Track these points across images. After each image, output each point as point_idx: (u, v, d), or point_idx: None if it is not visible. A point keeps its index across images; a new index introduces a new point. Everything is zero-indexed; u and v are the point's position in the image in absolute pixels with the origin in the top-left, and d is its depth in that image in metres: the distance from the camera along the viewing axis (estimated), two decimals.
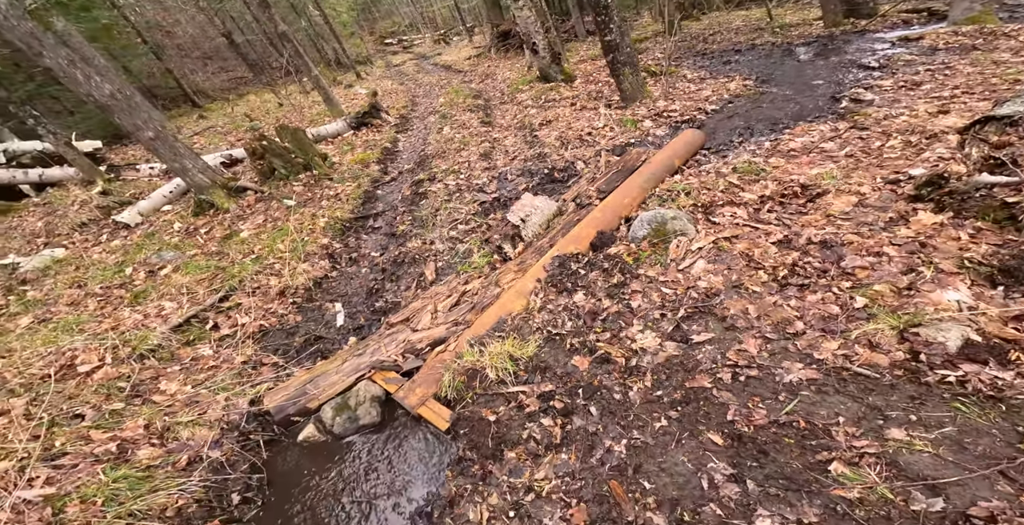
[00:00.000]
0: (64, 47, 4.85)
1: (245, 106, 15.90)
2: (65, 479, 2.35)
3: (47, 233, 5.77)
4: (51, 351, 3.18)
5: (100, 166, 8.20)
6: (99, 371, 3.06)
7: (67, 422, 2.72)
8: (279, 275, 3.99)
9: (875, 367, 1.90)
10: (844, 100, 4.84)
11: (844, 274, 2.39)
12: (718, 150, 4.48)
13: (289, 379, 3.02)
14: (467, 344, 2.71)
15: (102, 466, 2.41)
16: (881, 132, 3.76)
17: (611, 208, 3.38)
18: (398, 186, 5.74)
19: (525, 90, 8.95)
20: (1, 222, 6.38)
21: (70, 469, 2.43)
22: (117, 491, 2.29)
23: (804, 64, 6.47)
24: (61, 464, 2.45)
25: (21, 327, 3.70)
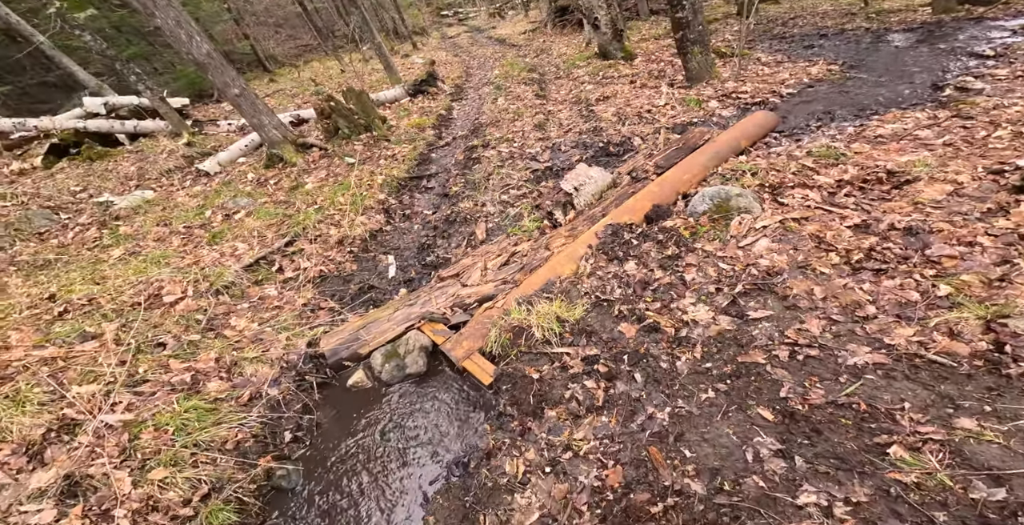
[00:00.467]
0: (172, 8, 4.97)
1: (310, 72, 16.15)
2: (143, 406, 2.44)
3: (138, 177, 6.16)
4: (141, 281, 3.35)
5: (187, 120, 8.62)
6: (181, 302, 3.20)
7: (150, 350, 2.83)
8: (338, 225, 4.07)
9: (953, 356, 1.74)
10: (947, 88, 4.27)
11: (928, 262, 2.17)
12: (791, 134, 4.08)
13: (344, 324, 3.07)
14: (515, 302, 2.66)
15: (176, 395, 2.50)
16: (988, 122, 3.30)
17: (669, 183, 3.18)
18: (451, 151, 5.68)
19: (582, 66, 8.52)
20: (100, 165, 6.85)
21: (148, 396, 2.51)
22: (186, 421, 2.36)
23: (902, 51, 5.71)
24: (141, 391, 2.54)
25: (114, 258, 3.97)
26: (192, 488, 2.09)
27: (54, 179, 6.35)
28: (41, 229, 4.99)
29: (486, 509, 1.81)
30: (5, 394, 2.43)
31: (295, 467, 2.33)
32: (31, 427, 2.28)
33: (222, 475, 2.17)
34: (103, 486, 2.06)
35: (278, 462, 2.33)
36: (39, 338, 2.87)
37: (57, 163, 7.16)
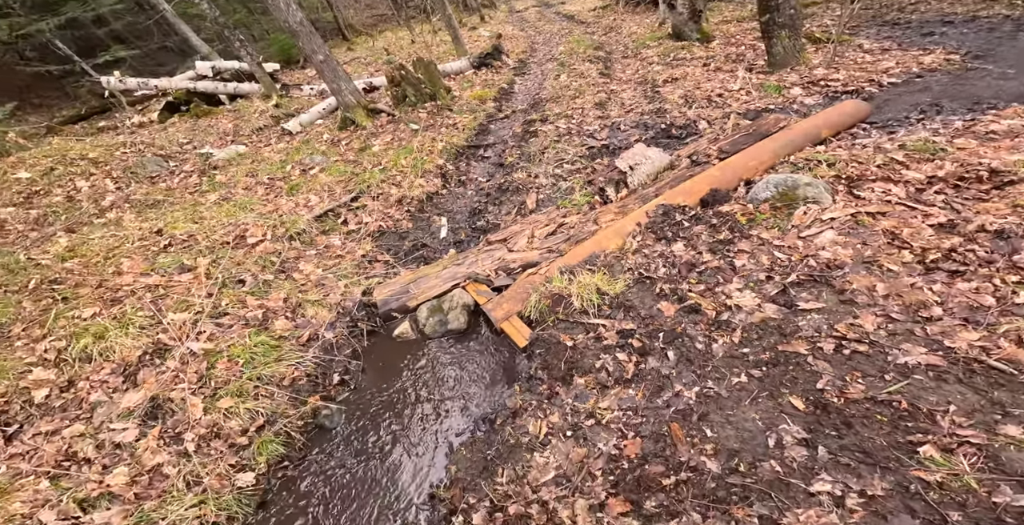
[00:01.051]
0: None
1: (383, 41, 16.29)
2: (222, 337, 2.58)
3: (234, 133, 6.64)
4: (230, 223, 3.62)
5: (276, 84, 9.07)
6: (261, 245, 3.42)
7: (232, 285, 3.02)
8: (399, 186, 4.18)
9: (1016, 363, 1.58)
10: None
11: (1014, 268, 1.92)
12: (885, 125, 3.56)
13: (396, 277, 3.17)
14: (558, 271, 2.62)
15: (249, 330, 2.63)
16: None
17: (732, 168, 2.92)
18: (510, 123, 5.58)
19: (652, 46, 7.92)
20: (203, 122, 7.46)
21: (227, 328, 2.67)
22: (254, 355, 2.49)
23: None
24: (222, 323, 2.70)
25: (209, 202, 4.35)
26: (251, 419, 2.23)
27: (166, 132, 6.99)
28: (153, 174, 5.55)
29: (505, 463, 1.85)
30: (114, 316, 2.67)
31: (338, 408, 2.42)
32: (131, 349, 2.49)
33: (276, 409, 2.30)
34: (179, 410, 2.22)
35: (324, 402, 2.43)
36: (146, 266, 3.17)
37: (170, 118, 7.87)
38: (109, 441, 2.10)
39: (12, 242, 4.08)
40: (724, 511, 1.49)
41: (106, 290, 2.97)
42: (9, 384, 2.37)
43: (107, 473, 2.01)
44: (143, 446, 2.08)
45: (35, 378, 2.41)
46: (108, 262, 3.30)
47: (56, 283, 3.11)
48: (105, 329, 2.58)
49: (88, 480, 1.97)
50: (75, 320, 2.69)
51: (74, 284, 3.07)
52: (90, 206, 4.84)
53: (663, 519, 1.53)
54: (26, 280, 3.13)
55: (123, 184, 5.40)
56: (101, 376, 2.41)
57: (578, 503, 1.64)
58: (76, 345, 2.52)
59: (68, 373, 2.43)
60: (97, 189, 5.23)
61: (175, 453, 2.06)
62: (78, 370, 2.44)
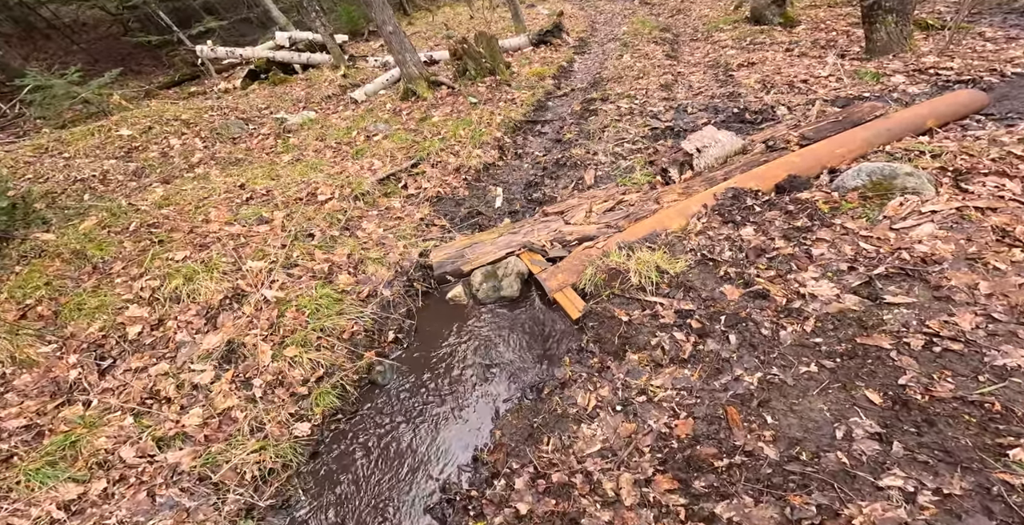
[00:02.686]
0: None
1: (443, 17, 15.96)
2: (292, 287, 2.63)
3: (306, 100, 6.80)
4: (303, 181, 3.74)
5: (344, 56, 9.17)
6: (329, 203, 3.51)
7: (303, 238, 3.08)
8: (457, 155, 4.13)
9: None
10: None
11: None
12: (1004, 117, 3.07)
13: (452, 241, 3.15)
14: (616, 246, 2.49)
15: (316, 282, 2.67)
16: None
17: (815, 155, 2.63)
18: (568, 101, 5.33)
19: (726, 29, 7.23)
20: (280, 89, 7.69)
21: (296, 279, 2.72)
22: (319, 306, 2.51)
23: None
24: (292, 273, 2.76)
25: (284, 162, 4.49)
26: (312, 369, 2.24)
27: (247, 97, 7.26)
28: (235, 135, 5.81)
29: (551, 432, 1.82)
30: (201, 260, 2.79)
31: (391, 365, 2.42)
32: (214, 292, 2.57)
33: (335, 361, 2.31)
34: (251, 356, 2.26)
35: (379, 358, 2.43)
36: (230, 216, 3.34)
37: (251, 85, 8.16)
38: (188, 382, 2.15)
39: (113, 190, 4.41)
40: (779, 497, 1.40)
41: (196, 236, 3.13)
42: (107, 319, 2.49)
43: (184, 413, 2.04)
44: (217, 389, 2.13)
45: (130, 315, 2.51)
46: (198, 211, 3.49)
47: (154, 226, 3.33)
48: (194, 272, 2.69)
49: (167, 419, 2.01)
50: (168, 262, 2.83)
51: (169, 229, 3.26)
52: (181, 161, 5.16)
53: (712, 499, 1.45)
54: (127, 223, 3.35)
55: (209, 143, 5.71)
56: (187, 317, 2.49)
57: (623, 477, 1.59)
58: (168, 285, 2.64)
59: (159, 312, 2.53)
60: (188, 147, 5.55)
61: (244, 398, 2.09)
62: (168, 309, 2.54)
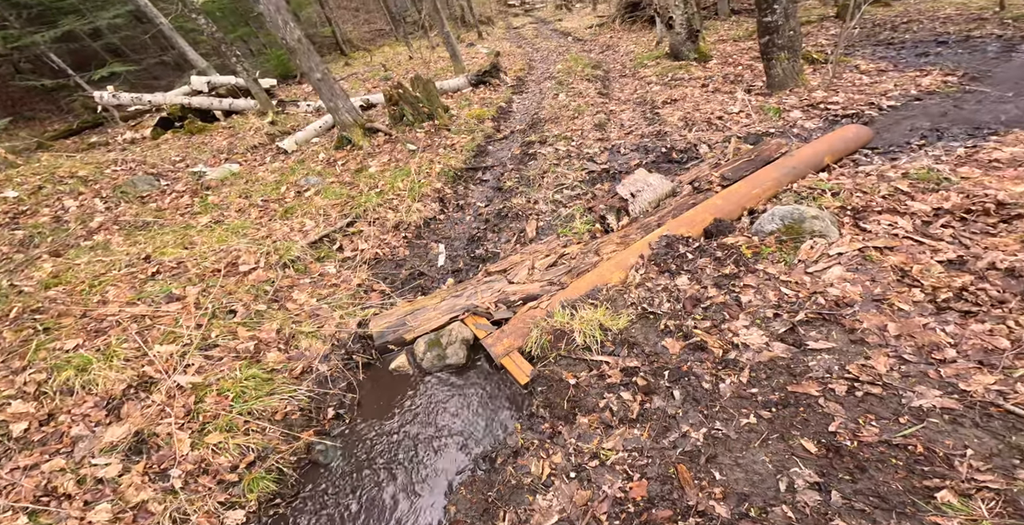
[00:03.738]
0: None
1: (381, 57, 16.57)
2: (211, 370, 2.53)
3: (228, 151, 6.64)
4: (222, 249, 3.57)
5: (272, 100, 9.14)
6: (253, 273, 3.37)
7: (223, 315, 2.95)
8: (396, 210, 4.16)
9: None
10: None
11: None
12: (887, 152, 3.58)
13: (393, 308, 3.13)
14: (559, 305, 2.59)
15: (240, 363, 2.57)
16: None
17: (735, 197, 2.93)
18: (509, 144, 5.61)
19: (650, 65, 8.07)
20: (198, 138, 7.47)
21: (217, 361, 2.61)
22: (245, 389, 2.44)
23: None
24: (211, 355, 2.64)
25: (201, 224, 4.30)
26: (240, 455, 2.18)
27: (159, 149, 7.00)
28: (143, 193, 5.51)
29: (507, 506, 1.82)
30: (97, 347, 2.61)
31: (333, 444, 2.38)
32: (115, 382, 2.42)
33: (268, 445, 2.25)
34: (165, 445, 2.17)
35: (319, 437, 2.39)
36: (132, 295, 3.10)
37: (163, 134, 7.89)
38: (91, 476, 2.07)
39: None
40: None
41: (90, 320, 2.90)
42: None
43: (89, 509, 1.96)
44: (127, 482, 2.04)
45: (13, 411, 2.35)
46: (93, 290, 3.23)
47: (38, 312, 3.04)
48: (88, 361, 2.53)
49: (69, 516, 1.93)
50: (57, 352, 2.62)
51: (57, 314, 2.99)
52: (77, 227, 4.78)
53: None
54: (7, 308, 3.05)
55: (112, 204, 5.36)
56: (83, 410, 2.36)
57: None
58: (57, 378, 2.46)
59: (48, 406, 2.38)
60: (85, 209, 5.18)
61: (161, 490, 2.03)
62: (59, 403, 2.39)
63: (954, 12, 7.94)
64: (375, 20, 24.01)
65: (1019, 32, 6.01)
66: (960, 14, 7.72)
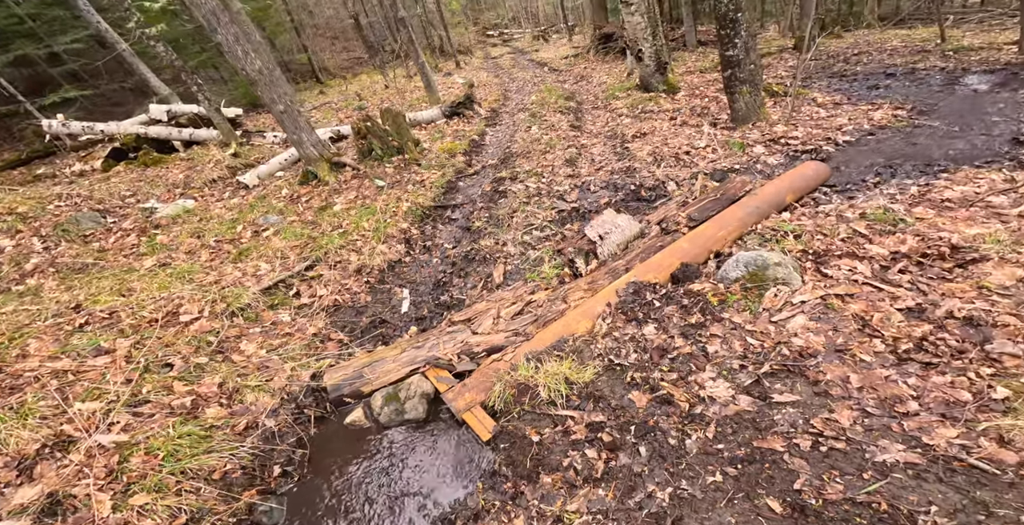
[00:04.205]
0: (234, 25, 5.28)
1: (357, 85, 16.98)
2: (140, 427, 2.43)
3: (184, 185, 6.53)
4: (163, 297, 3.46)
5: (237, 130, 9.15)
6: (196, 323, 3.26)
7: (158, 369, 2.86)
8: (359, 252, 4.12)
9: (998, 463, 1.61)
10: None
11: (987, 359, 1.99)
12: (844, 190, 3.80)
13: (350, 359, 3.07)
14: (524, 358, 2.58)
15: (174, 419, 2.49)
16: None
17: (701, 239, 3.03)
18: (479, 180, 5.70)
19: (621, 97, 8.50)
20: (152, 171, 7.35)
21: (147, 418, 2.51)
22: (178, 447, 2.35)
23: (982, 95, 5.34)
24: (141, 412, 2.54)
25: (145, 268, 4.15)
26: (171, 517, 2.08)
27: (108, 182, 6.84)
28: (87, 231, 5.33)
29: None
30: (10, 405, 2.49)
31: (279, 505, 2.29)
32: (28, 441, 2.31)
33: (203, 506, 2.15)
34: (83, 507, 2.06)
35: (263, 497, 2.30)
36: (55, 349, 2.97)
37: (115, 166, 7.74)
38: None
39: None
40: None
41: (5, 376, 2.76)
42: None
43: None
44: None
45: None
46: (13, 343, 3.07)
47: None
48: None
49: None
50: None
51: None
52: (10, 270, 4.57)
53: None
54: None
55: (52, 243, 5.15)
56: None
57: None
58: None
59: None
60: (22, 249, 4.97)
61: None
62: None
63: (900, 44, 8.75)
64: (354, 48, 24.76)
65: (959, 64, 6.64)
66: (905, 46, 8.50)
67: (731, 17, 4.98)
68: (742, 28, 5.01)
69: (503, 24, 37.42)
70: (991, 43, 7.43)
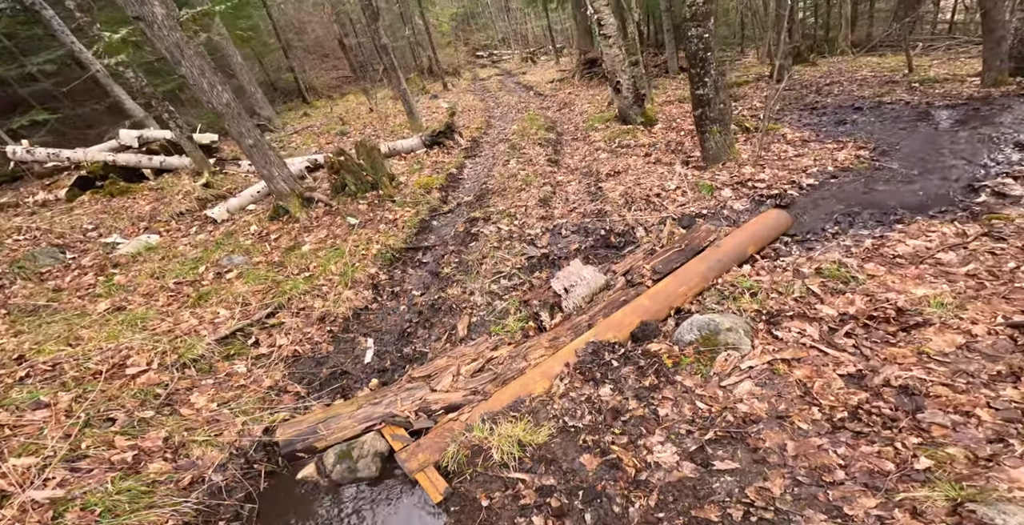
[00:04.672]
0: (198, 58, 5.34)
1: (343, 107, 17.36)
2: (77, 483, 2.48)
3: (150, 218, 6.58)
4: (111, 347, 3.50)
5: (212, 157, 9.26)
6: (143, 375, 3.31)
7: (99, 424, 2.90)
8: (324, 298, 4.20)
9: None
10: (983, 192, 4.11)
11: (916, 428, 2.12)
12: (804, 240, 4.02)
13: (305, 414, 3.13)
14: (480, 418, 2.68)
15: (114, 475, 2.53)
16: (1020, 247, 3.17)
17: (662, 296, 3.19)
18: (454, 219, 5.87)
19: (600, 129, 8.88)
20: (118, 202, 7.38)
21: (85, 473, 2.55)
22: (117, 503, 2.38)
23: (942, 134, 5.67)
24: (79, 467, 2.59)
25: (98, 312, 4.18)
26: None
27: (72, 214, 6.86)
28: (44, 268, 5.34)
29: None
30: None
31: None
32: None
33: None
34: None
35: None
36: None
37: (80, 195, 7.77)
38: None
39: None
40: None
41: None
42: None
43: None
44: None
45: None
46: None
47: None
48: None
49: None
50: None
51: None
52: None
53: None
54: None
55: (7, 281, 5.15)
56: None
57: None
58: None
59: None
60: None
61: None
62: None
63: (870, 73, 9.34)
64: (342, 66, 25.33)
65: (924, 97, 7.10)
66: (875, 75, 9.08)
67: (701, 56, 5.23)
68: (711, 67, 5.27)
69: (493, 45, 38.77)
70: (955, 74, 7.97)
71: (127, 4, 5.04)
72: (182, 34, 5.27)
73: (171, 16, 5.28)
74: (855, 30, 13.97)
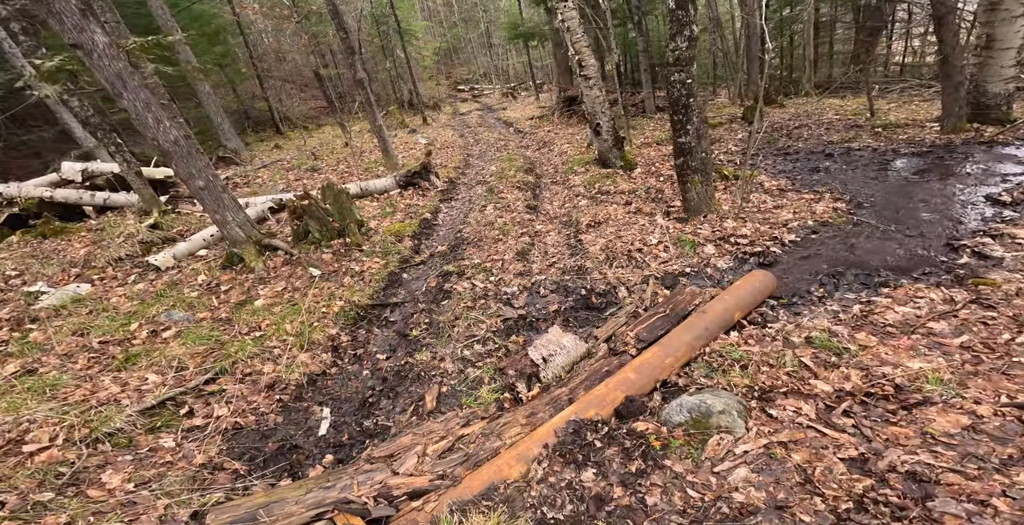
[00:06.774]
0: (143, 90, 5.11)
1: (317, 139, 17.66)
2: None
3: (84, 263, 6.29)
4: (9, 420, 3.28)
5: (167, 193, 9.11)
6: (44, 452, 3.10)
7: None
8: (276, 362, 4.02)
9: None
10: (964, 252, 4.36)
11: (928, 519, 2.07)
12: (791, 303, 4.18)
13: (244, 497, 2.88)
14: (448, 507, 2.52)
15: None
16: (1011, 316, 3.29)
17: (648, 369, 3.19)
18: (426, 272, 5.84)
19: (580, 172, 9.25)
20: (51, 244, 7.08)
21: None
22: None
23: (912, 184, 6.15)
24: None
25: (4, 375, 3.90)
26: None
27: None
28: None
29: None
30: None
31: None
32: None
33: None
34: None
35: None
36: None
37: (9, 236, 7.44)
38: None
39: None
40: None
41: None
42: None
43: None
44: None
45: None
46: None
47: None
48: None
49: None
50: None
51: None
52: None
53: None
54: None
55: None
56: None
57: None
58: None
59: None
60: None
61: None
62: None
63: (834, 116, 10.26)
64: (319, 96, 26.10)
65: (889, 144, 7.75)
66: (839, 118, 9.97)
67: (683, 102, 5.50)
68: (694, 114, 5.55)
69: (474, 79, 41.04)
70: (914, 119, 8.74)
71: (64, 31, 4.76)
72: (126, 64, 5.10)
73: (114, 44, 5.13)
74: (817, 71, 15.43)
